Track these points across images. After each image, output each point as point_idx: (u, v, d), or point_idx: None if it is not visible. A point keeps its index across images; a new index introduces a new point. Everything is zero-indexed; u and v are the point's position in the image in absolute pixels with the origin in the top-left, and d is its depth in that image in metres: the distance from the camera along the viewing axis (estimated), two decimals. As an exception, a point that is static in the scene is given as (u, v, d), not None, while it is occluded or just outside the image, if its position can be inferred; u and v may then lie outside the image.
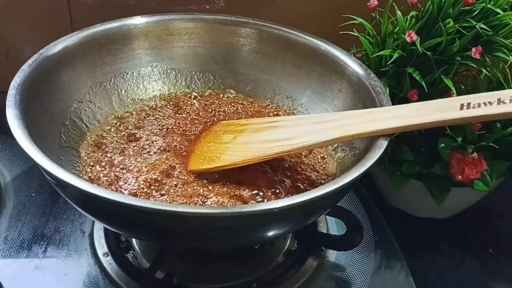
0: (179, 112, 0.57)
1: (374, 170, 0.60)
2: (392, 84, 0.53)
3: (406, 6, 0.53)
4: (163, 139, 0.52)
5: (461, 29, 0.49)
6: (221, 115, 0.57)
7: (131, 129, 0.53)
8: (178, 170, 0.48)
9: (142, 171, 0.47)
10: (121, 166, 0.48)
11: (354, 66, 0.52)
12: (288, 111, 0.58)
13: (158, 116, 0.56)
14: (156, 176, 0.47)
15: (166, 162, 0.48)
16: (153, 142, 0.51)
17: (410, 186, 0.55)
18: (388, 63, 0.52)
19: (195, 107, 0.58)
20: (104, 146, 0.51)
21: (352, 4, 0.61)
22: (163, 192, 0.45)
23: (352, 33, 0.57)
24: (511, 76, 0.51)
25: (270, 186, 0.46)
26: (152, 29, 0.58)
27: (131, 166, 0.48)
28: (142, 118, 0.55)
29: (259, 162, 0.46)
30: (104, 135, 0.52)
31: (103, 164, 0.48)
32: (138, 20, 0.58)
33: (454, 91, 0.49)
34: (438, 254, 0.57)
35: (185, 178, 0.47)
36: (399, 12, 0.53)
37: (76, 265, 0.50)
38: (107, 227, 0.49)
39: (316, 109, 0.57)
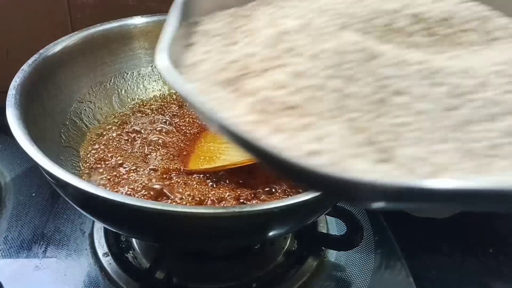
0: (179, 112, 0.57)
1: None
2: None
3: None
4: (163, 138, 0.52)
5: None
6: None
7: (131, 129, 0.53)
8: (178, 169, 0.48)
9: (142, 170, 0.47)
10: (121, 166, 0.48)
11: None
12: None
13: (158, 116, 0.56)
14: (156, 176, 0.47)
15: (166, 161, 0.48)
16: (153, 142, 0.51)
17: (410, 186, 0.55)
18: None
19: (195, 107, 0.58)
20: (104, 146, 0.51)
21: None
22: (163, 191, 0.45)
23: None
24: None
25: (270, 186, 0.46)
26: (152, 29, 0.58)
27: (131, 165, 0.48)
28: (142, 118, 0.55)
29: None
30: (104, 134, 0.52)
31: (103, 164, 0.48)
32: (138, 20, 0.58)
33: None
34: (438, 254, 0.57)
35: (185, 178, 0.47)
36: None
37: (76, 265, 0.50)
38: (107, 227, 0.49)
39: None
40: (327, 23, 0.30)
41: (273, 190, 0.46)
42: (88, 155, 0.50)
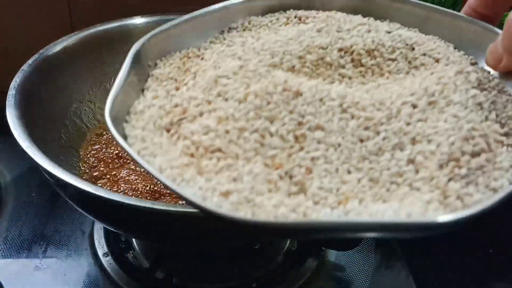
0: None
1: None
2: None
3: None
4: (163, 139, 0.52)
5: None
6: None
7: (131, 129, 0.53)
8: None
9: (142, 170, 0.47)
10: (121, 166, 0.48)
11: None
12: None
13: (158, 116, 0.56)
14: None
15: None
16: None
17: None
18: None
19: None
20: (104, 146, 0.51)
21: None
22: (163, 191, 0.45)
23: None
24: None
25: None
26: (152, 29, 0.58)
27: (131, 165, 0.48)
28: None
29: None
30: (104, 134, 0.52)
31: (103, 164, 0.48)
32: (138, 20, 0.58)
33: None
34: (438, 254, 0.57)
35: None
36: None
37: (76, 265, 0.50)
38: (107, 227, 0.49)
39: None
40: (260, 63, 0.32)
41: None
42: (88, 155, 0.50)
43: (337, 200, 0.26)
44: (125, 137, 0.30)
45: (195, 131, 0.29)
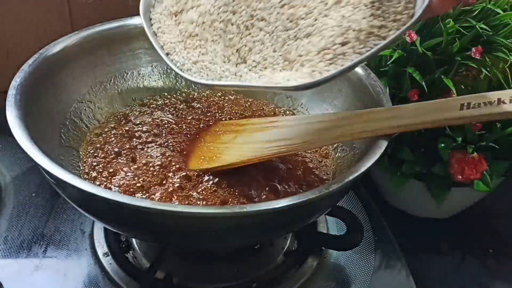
0: (179, 112, 0.57)
1: (374, 170, 0.60)
2: (392, 84, 0.53)
3: (406, 6, 0.53)
4: (163, 139, 0.52)
5: (461, 29, 0.49)
6: (221, 115, 0.57)
7: (131, 129, 0.53)
8: (178, 170, 0.48)
9: (142, 170, 0.47)
10: (121, 166, 0.48)
11: (354, 66, 0.53)
12: (288, 111, 0.58)
13: (158, 116, 0.55)
14: (156, 176, 0.47)
15: (166, 162, 0.48)
16: (153, 142, 0.51)
17: (410, 186, 0.55)
18: (388, 63, 0.52)
19: (195, 107, 0.58)
20: (104, 146, 0.51)
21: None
22: (163, 191, 0.45)
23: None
24: (511, 76, 0.51)
25: (269, 186, 0.46)
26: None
27: (131, 165, 0.48)
28: (142, 118, 0.55)
29: (258, 162, 0.46)
30: (104, 135, 0.52)
31: (103, 164, 0.48)
32: (138, 20, 0.58)
33: (454, 91, 0.49)
34: (438, 254, 0.57)
35: (185, 178, 0.47)
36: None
37: (76, 265, 0.50)
38: (107, 227, 0.49)
39: (316, 109, 0.57)
40: None
41: (273, 189, 0.46)
42: (88, 155, 0.50)
43: (261, 68, 0.39)
44: (150, 19, 0.45)
45: (186, 20, 0.43)
